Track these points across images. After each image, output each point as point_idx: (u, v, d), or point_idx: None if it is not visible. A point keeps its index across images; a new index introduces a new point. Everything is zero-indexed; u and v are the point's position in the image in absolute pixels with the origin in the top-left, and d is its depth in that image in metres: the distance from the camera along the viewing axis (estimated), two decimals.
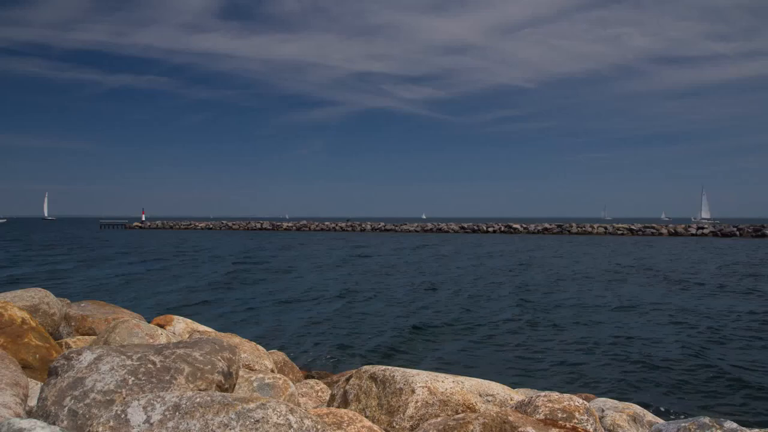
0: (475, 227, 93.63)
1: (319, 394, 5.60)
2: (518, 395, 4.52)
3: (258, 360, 5.38)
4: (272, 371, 5.34)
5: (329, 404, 4.68)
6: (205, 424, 2.54)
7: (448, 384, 4.24)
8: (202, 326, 5.93)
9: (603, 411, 4.79)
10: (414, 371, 4.39)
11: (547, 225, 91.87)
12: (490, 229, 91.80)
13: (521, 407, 4.08)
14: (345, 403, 4.44)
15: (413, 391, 4.14)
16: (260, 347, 5.69)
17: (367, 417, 4.15)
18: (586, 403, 4.12)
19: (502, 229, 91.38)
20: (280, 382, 4.75)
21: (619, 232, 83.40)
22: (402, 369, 4.44)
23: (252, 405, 2.60)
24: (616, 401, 5.06)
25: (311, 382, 5.72)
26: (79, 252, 46.10)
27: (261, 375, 4.72)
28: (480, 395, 4.36)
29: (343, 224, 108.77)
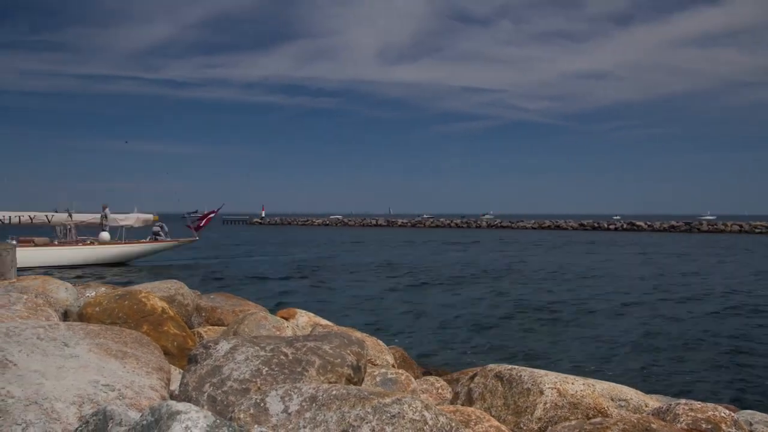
0: (596, 224, 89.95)
1: (440, 391, 5.55)
2: (653, 401, 4.26)
3: (379, 355, 5.43)
4: (393, 366, 5.37)
5: (452, 402, 4.62)
6: (341, 417, 2.55)
7: (578, 386, 4.06)
8: (324, 320, 6.07)
9: (752, 425, 4.40)
10: (542, 371, 4.24)
11: (674, 222, 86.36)
12: (611, 227, 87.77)
13: (659, 414, 3.82)
14: (469, 402, 4.36)
15: (541, 392, 4.00)
16: (381, 342, 5.74)
17: (493, 416, 4.06)
18: (733, 414, 3.80)
19: (624, 226, 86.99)
20: (403, 377, 4.76)
21: (757, 230, 76.82)
22: (529, 369, 4.31)
23: (388, 400, 2.59)
24: (766, 415, 4.63)
25: (431, 378, 5.69)
26: (207, 247, 48.95)
27: (383, 370, 4.74)
28: (612, 399, 4.14)
29: (458, 221, 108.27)
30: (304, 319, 5.87)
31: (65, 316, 5.64)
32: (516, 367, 4.37)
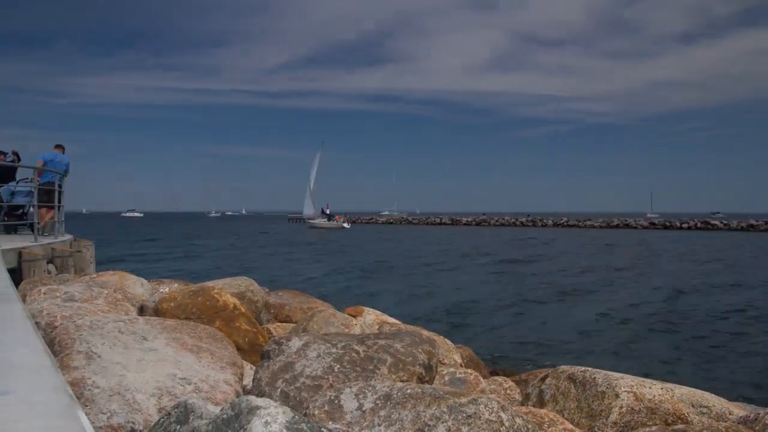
0: (667, 223, 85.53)
1: (508, 392, 5.46)
2: (738, 409, 4.06)
3: (447, 354, 5.39)
4: (461, 366, 5.31)
5: (523, 403, 4.54)
6: (416, 416, 2.53)
7: (656, 390, 3.91)
8: (391, 318, 6.07)
9: None
10: (617, 374, 4.11)
11: (752, 221, 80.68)
12: (684, 225, 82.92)
13: (746, 424, 3.64)
14: (541, 403, 4.27)
15: (617, 396, 3.87)
16: (448, 341, 5.69)
17: (566, 419, 3.96)
18: None
19: (698, 225, 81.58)
20: (471, 377, 4.70)
21: None
22: (603, 371, 4.18)
23: (464, 400, 2.55)
24: None
25: (499, 378, 5.60)
26: (272, 244, 50.10)
27: (452, 369, 4.70)
28: (693, 406, 3.97)
29: (524, 219, 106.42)
30: (371, 317, 5.88)
31: (141, 310, 5.85)
32: (589, 369, 4.25)
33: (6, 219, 11.97)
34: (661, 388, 3.94)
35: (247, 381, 4.09)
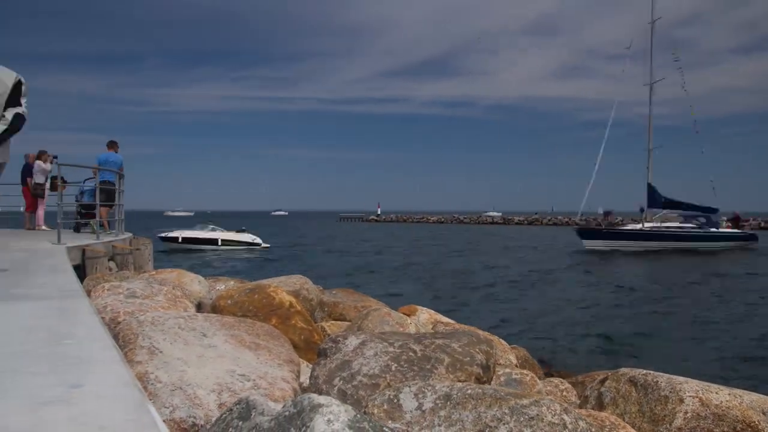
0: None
1: (564, 393, 5.36)
2: None
3: (502, 354, 5.32)
4: (516, 366, 5.24)
5: (581, 406, 4.44)
6: (477, 417, 2.50)
7: (723, 396, 3.76)
8: (445, 318, 6.03)
9: None
10: (681, 378, 3.97)
11: None
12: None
13: None
14: (600, 406, 4.17)
15: (681, 401, 3.74)
16: (503, 341, 5.62)
17: (626, 423, 3.85)
18: None
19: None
20: (528, 378, 4.63)
21: None
22: (666, 375, 4.05)
23: (526, 401, 2.51)
24: None
25: (555, 380, 5.50)
26: (327, 242, 50.56)
27: (508, 370, 4.64)
28: (764, 413, 3.80)
29: (577, 218, 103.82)
30: (425, 316, 5.86)
31: (198, 307, 5.98)
32: (651, 372, 4.12)
33: (79, 217, 12.42)
34: (729, 394, 3.79)
35: (303, 378, 4.13)
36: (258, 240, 39.03)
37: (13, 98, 5.09)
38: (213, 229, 38.10)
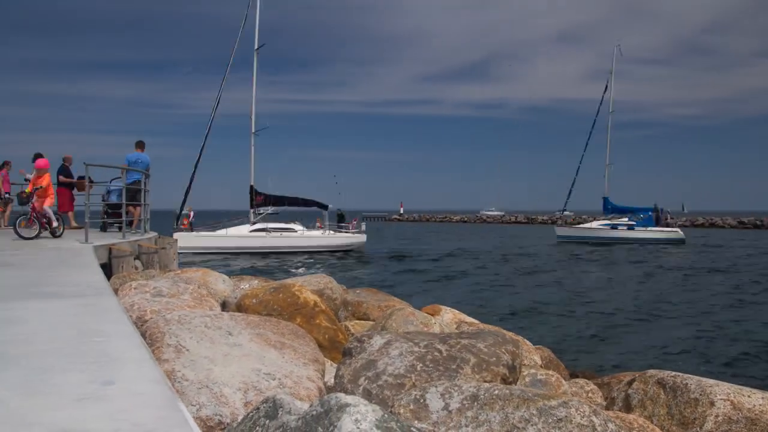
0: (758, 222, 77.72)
1: (590, 395, 5.29)
2: None
3: (527, 355, 5.27)
4: (541, 367, 5.20)
5: (608, 407, 4.39)
6: (505, 417, 2.49)
7: (756, 400, 3.69)
8: (469, 317, 6.00)
9: None
10: (711, 381, 3.91)
11: None
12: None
13: None
14: (627, 408, 4.12)
15: (712, 404, 3.68)
16: (527, 342, 5.58)
17: (655, 425, 3.80)
18: None
19: None
20: (553, 379, 4.59)
21: None
22: (696, 377, 3.98)
23: (554, 402, 2.48)
24: None
25: (580, 381, 5.44)
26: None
27: (533, 371, 4.60)
28: None
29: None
30: (449, 315, 5.85)
31: (223, 306, 6.02)
32: (680, 374, 4.06)
33: (106, 217, 12.60)
34: (762, 398, 3.72)
35: (328, 378, 4.13)
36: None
37: None
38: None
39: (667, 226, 48.36)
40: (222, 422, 2.99)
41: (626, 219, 49.08)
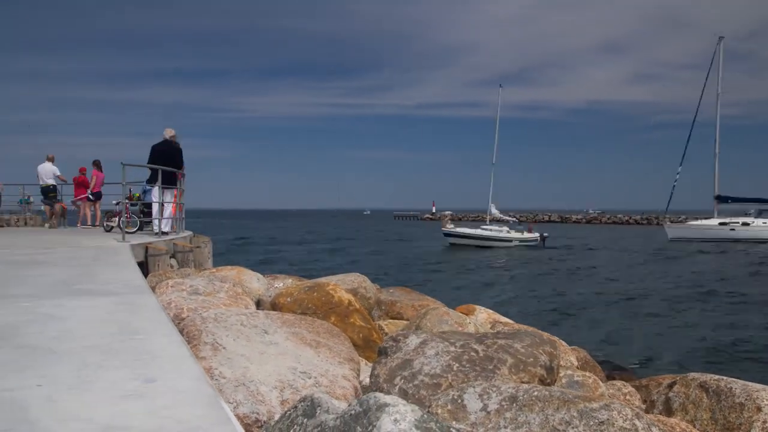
0: None
1: (628, 397, 5.20)
2: None
3: (563, 356, 5.20)
4: (577, 368, 5.12)
5: (648, 410, 4.30)
6: (545, 419, 2.45)
7: None
8: (503, 317, 5.95)
9: None
10: (758, 385, 3.79)
11: None
12: None
13: None
14: (668, 412, 4.03)
15: (759, 409, 3.57)
16: (563, 342, 5.50)
17: (697, 430, 3.71)
18: None
19: None
20: (590, 380, 4.52)
21: None
22: (741, 381, 3.87)
23: (595, 405, 2.43)
24: None
25: (618, 383, 5.35)
26: (378, 241, 50.81)
27: (569, 372, 4.53)
28: None
29: (638, 217, 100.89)
30: (483, 316, 5.80)
31: (257, 304, 6.07)
32: (724, 377, 3.95)
33: (141, 216, 12.82)
34: None
35: (363, 377, 4.13)
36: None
37: None
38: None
39: None
40: (259, 420, 3.01)
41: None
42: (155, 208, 11.54)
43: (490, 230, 43.94)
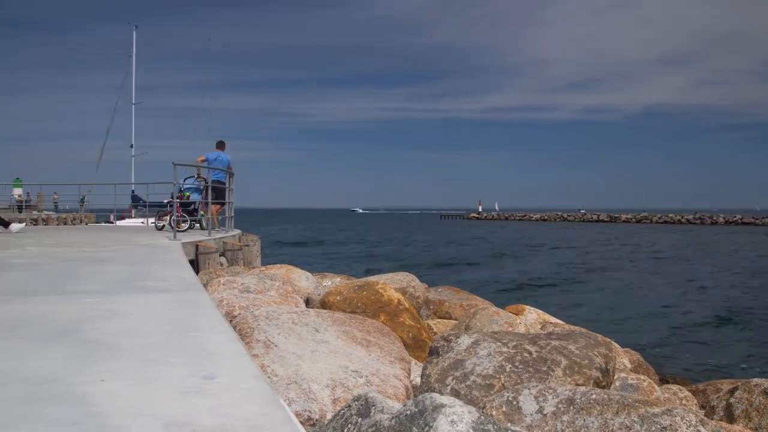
0: None
1: (683, 402, 5.05)
2: None
3: (616, 358, 5.09)
4: (631, 371, 5.00)
5: (707, 416, 4.17)
6: (603, 423, 2.39)
7: None
8: (553, 318, 5.86)
9: None
10: None
11: None
12: None
13: None
14: (729, 419, 3.90)
15: None
16: (615, 344, 5.39)
17: None
18: None
19: None
20: (645, 384, 4.41)
21: None
22: None
23: (657, 409, 2.37)
24: None
25: (673, 387, 5.21)
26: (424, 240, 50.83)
27: (623, 375, 4.43)
28: None
29: (690, 216, 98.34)
30: (533, 316, 5.72)
31: (307, 303, 6.12)
32: None
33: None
34: None
35: (413, 376, 4.12)
36: None
37: None
38: None
39: None
40: (311, 418, 3.02)
41: None
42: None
43: None
